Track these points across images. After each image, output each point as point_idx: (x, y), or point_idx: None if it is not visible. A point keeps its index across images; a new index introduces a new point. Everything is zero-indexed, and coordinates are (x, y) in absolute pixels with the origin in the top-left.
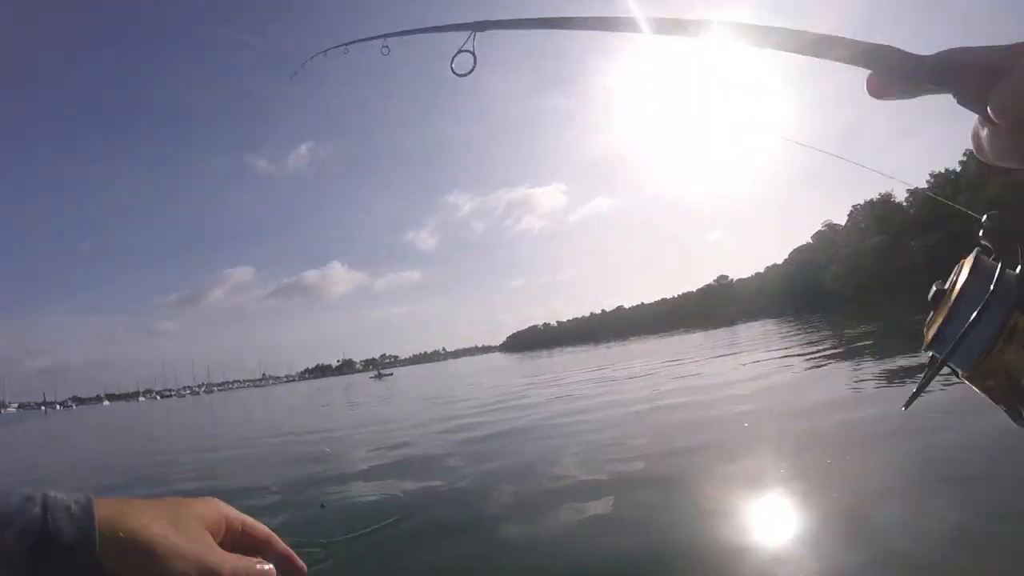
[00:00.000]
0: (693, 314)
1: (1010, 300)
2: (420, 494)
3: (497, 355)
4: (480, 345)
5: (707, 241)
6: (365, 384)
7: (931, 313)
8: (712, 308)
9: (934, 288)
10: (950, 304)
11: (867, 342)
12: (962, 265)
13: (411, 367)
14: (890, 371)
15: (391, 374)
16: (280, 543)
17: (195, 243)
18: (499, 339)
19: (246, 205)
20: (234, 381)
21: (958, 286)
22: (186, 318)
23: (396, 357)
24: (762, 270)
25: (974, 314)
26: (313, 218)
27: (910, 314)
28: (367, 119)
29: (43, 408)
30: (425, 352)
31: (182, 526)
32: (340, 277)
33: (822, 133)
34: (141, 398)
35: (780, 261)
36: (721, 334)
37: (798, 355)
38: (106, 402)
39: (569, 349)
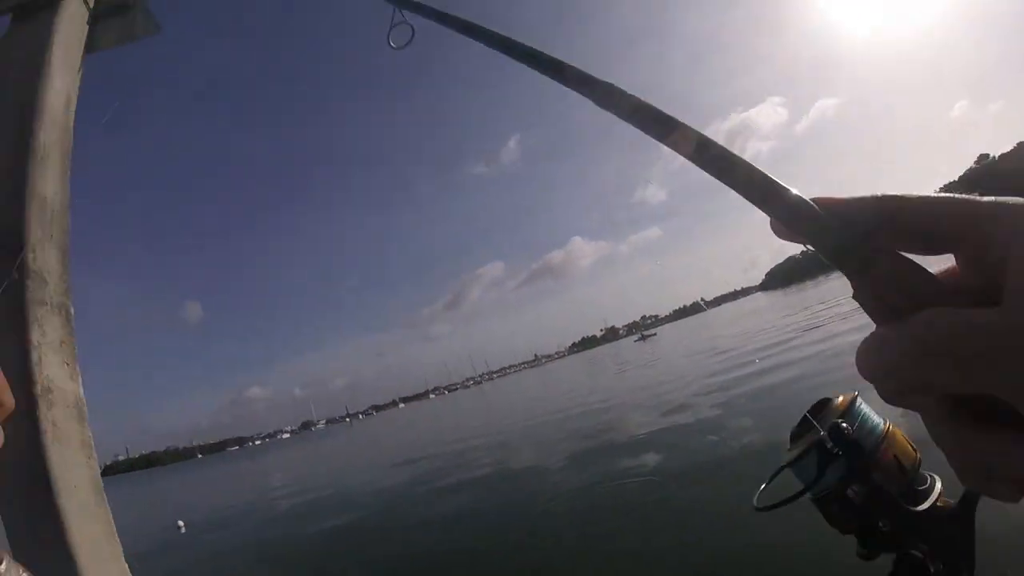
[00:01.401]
0: None
1: (855, 460)
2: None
3: (758, 295)
4: (739, 288)
5: (952, 118)
6: (630, 349)
7: (796, 439)
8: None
9: (801, 420)
10: (810, 446)
11: None
12: (825, 413)
13: (673, 323)
14: None
15: (654, 334)
16: None
17: (444, 255)
18: (757, 278)
19: (477, 209)
20: (510, 366)
21: (820, 435)
22: (454, 319)
23: (656, 316)
24: None
25: (823, 464)
26: (540, 202)
27: None
28: (555, 95)
29: (347, 419)
30: (684, 306)
31: None
32: (583, 251)
33: None
34: (431, 396)
35: None
36: None
37: None
38: (401, 405)
39: (835, 275)
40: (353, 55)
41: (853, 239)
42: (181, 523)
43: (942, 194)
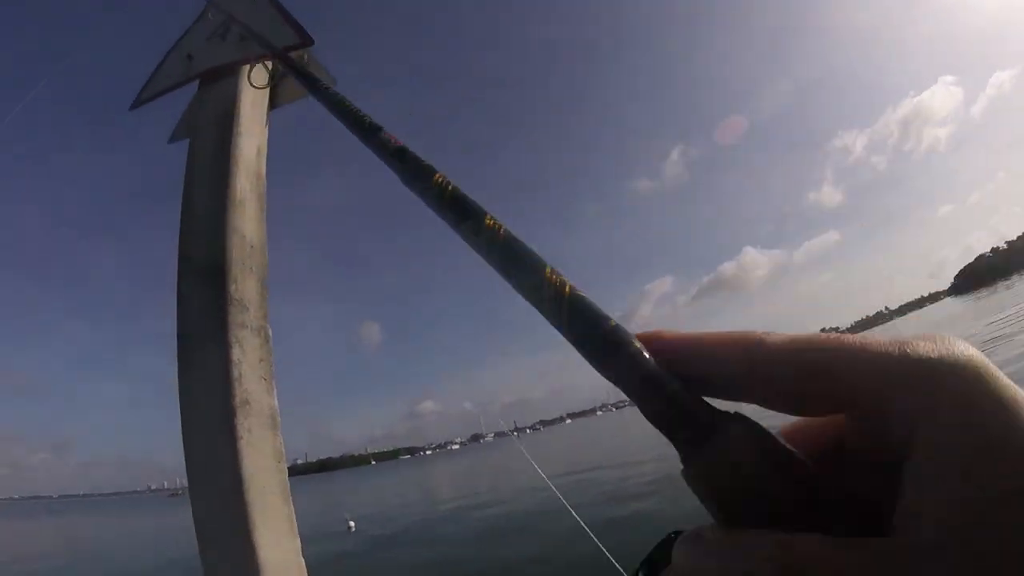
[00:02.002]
0: None
1: None
2: None
3: (947, 301)
4: (926, 294)
5: None
6: None
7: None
8: None
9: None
10: None
11: None
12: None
13: (857, 336)
14: None
15: None
16: None
17: (611, 272)
18: (945, 281)
19: (643, 223)
20: None
21: None
22: None
23: (837, 328)
24: None
25: None
26: (708, 213)
27: None
28: (711, 104)
29: (514, 433)
30: (867, 316)
31: None
32: (756, 261)
33: None
34: (598, 412)
35: None
36: None
37: None
38: (568, 420)
39: None
40: (510, 87)
41: (686, 401)
42: (351, 522)
43: (822, 336)
